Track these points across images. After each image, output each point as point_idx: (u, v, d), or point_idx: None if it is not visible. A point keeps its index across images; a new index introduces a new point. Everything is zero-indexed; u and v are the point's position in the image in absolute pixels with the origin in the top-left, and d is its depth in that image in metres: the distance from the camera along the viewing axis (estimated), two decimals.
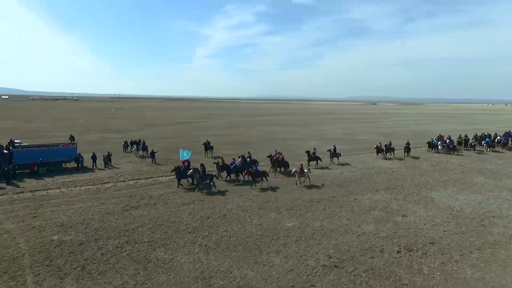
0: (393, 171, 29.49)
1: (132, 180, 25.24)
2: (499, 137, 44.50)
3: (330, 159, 32.70)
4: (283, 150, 33.90)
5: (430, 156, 37.40)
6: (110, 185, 23.72)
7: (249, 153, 29.88)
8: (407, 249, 14.33)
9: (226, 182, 24.75)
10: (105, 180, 24.98)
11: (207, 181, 23.07)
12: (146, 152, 35.47)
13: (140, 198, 20.68)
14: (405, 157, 35.86)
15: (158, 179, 25.46)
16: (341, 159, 33.47)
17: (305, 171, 24.62)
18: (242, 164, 26.38)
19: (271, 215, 18.10)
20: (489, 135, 45.50)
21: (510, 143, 45.41)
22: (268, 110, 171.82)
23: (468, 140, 42.28)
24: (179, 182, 23.30)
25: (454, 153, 38.77)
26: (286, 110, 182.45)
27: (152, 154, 32.23)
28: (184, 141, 47.71)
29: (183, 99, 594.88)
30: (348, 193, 22.65)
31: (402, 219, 17.89)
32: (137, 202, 19.88)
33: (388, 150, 35.64)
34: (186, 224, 16.67)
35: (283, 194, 22.02)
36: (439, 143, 39.76)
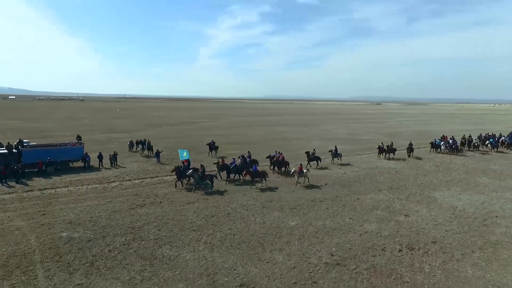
0: (396, 171, 29.59)
1: (138, 179, 25.64)
2: (504, 137, 44.30)
3: (332, 160, 32.83)
4: (286, 150, 34.19)
5: (434, 156, 37.38)
6: (116, 184, 24.15)
7: (249, 153, 30.10)
8: (409, 248, 14.51)
9: (226, 182, 24.94)
10: (111, 179, 25.43)
11: (207, 181, 23.19)
12: (151, 151, 35.89)
13: (146, 197, 21.06)
14: (408, 157, 35.89)
15: (163, 178, 25.83)
16: (344, 159, 33.61)
17: (304, 171, 24.77)
18: (242, 164, 26.60)
19: (274, 214, 18.36)
20: (493, 135, 45.33)
21: None
22: (271, 110, 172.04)
23: (471, 140, 42.15)
24: (180, 182, 23.49)
25: (457, 153, 38.73)
26: (290, 110, 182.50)
27: (157, 154, 32.65)
28: (188, 141, 48.16)
29: (187, 99, 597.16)
30: (351, 192, 22.83)
31: (405, 218, 18.05)
32: (143, 201, 20.25)
33: (390, 150, 35.72)
34: (191, 222, 16.99)
35: (286, 194, 22.26)
36: (442, 143, 39.71)
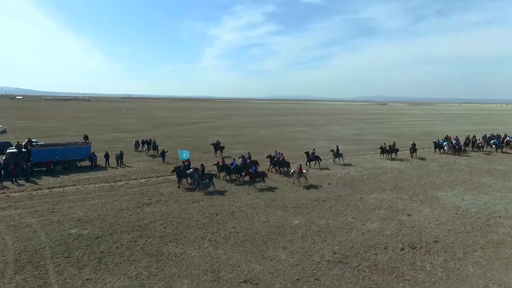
0: (400, 171, 29.65)
1: (144, 178, 26.07)
2: (509, 137, 44.00)
3: (333, 160, 32.88)
4: (290, 150, 34.37)
5: (438, 157, 37.30)
6: (122, 183, 24.58)
7: (249, 153, 30.33)
8: (411, 246, 14.67)
9: (226, 182, 25.13)
10: (118, 178, 25.88)
11: (206, 180, 23.42)
12: (156, 151, 36.35)
13: (152, 196, 21.45)
14: (411, 157, 35.85)
15: (168, 178, 26.19)
16: (348, 159, 33.72)
17: (304, 171, 24.88)
18: (242, 164, 26.83)
19: (278, 213, 18.62)
20: (498, 135, 45.03)
21: None
22: (276, 111, 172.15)
23: (475, 141, 41.93)
24: (179, 182, 23.68)
25: (460, 154, 38.57)
26: (295, 110, 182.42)
27: (163, 153, 33.08)
28: (193, 141, 48.61)
29: (191, 99, 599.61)
30: (354, 192, 22.99)
31: (407, 218, 18.19)
32: (149, 199, 20.64)
33: (392, 150, 35.66)
34: (196, 221, 17.32)
35: (289, 193, 22.50)
36: (445, 143, 39.58)
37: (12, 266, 12.42)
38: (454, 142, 39.93)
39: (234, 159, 27.94)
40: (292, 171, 25.06)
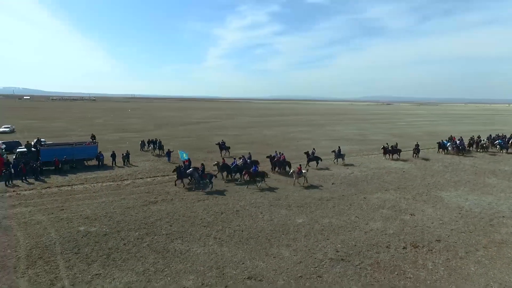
0: (404, 171, 29.71)
1: (150, 177, 26.48)
2: None
3: (335, 160, 32.95)
4: (294, 150, 34.60)
5: (443, 157, 37.23)
6: (129, 181, 25.01)
7: (249, 153, 30.53)
8: (413, 245, 14.83)
9: (226, 182, 25.34)
10: (124, 177, 26.33)
11: (206, 180, 23.60)
12: (162, 151, 36.80)
13: (158, 194, 21.83)
14: (414, 158, 35.79)
15: (174, 177, 26.46)
16: (352, 159, 33.84)
17: (303, 171, 24.97)
18: (243, 164, 27.03)
19: (281, 212, 18.87)
20: (504, 136, 44.78)
21: None
22: (279, 110, 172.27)
23: (480, 141, 41.74)
24: (181, 181, 23.94)
25: (463, 154, 38.44)
26: (298, 110, 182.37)
27: (168, 153, 33.51)
28: (198, 140, 49.03)
29: (195, 99, 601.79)
30: (358, 192, 23.15)
31: (410, 217, 18.32)
32: (155, 198, 21.02)
33: (395, 151, 35.63)
34: (201, 219, 17.64)
35: (293, 192, 22.73)
36: (448, 144, 39.48)
37: (24, 261, 12.84)
38: (458, 142, 39.80)
39: (235, 159, 28.28)
40: (291, 171, 25.24)
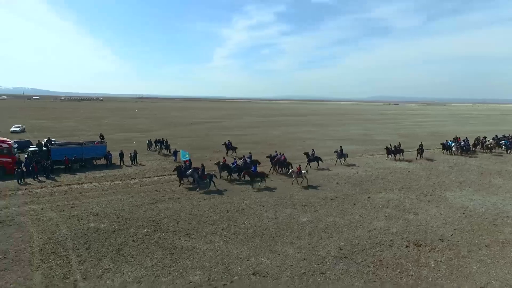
0: (409, 171, 29.77)
1: (157, 176, 27.00)
2: None
3: (337, 160, 33.00)
4: (299, 150, 34.80)
5: (449, 157, 37.11)
6: (137, 180, 25.56)
7: (250, 153, 30.77)
8: (416, 244, 15.02)
9: (227, 182, 25.59)
10: (132, 176, 26.90)
11: (206, 180, 23.81)
12: (169, 150, 37.36)
13: (165, 193, 22.31)
14: (417, 158, 35.67)
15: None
16: (358, 159, 33.95)
17: (302, 172, 25.07)
18: (243, 164, 27.25)
19: (286, 211, 19.18)
20: (510, 136, 44.43)
21: None
22: (286, 111, 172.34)
23: (485, 142, 41.45)
24: (180, 181, 24.21)
25: (468, 154, 38.24)
26: (305, 110, 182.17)
27: (175, 153, 34.03)
28: (204, 140, 49.54)
29: (202, 99, 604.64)
30: (362, 191, 23.35)
31: (414, 216, 18.48)
32: (162, 196, 21.51)
33: (398, 151, 35.57)
34: (207, 217, 18.04)
35: (298, 192, 23.02)
36: (453, 144, 39.31)
37: (38, 255, 13.38)
38: (463, 143, 39.58)
39: (235, 159, 28.66)
40: (290, 170, 25.43)
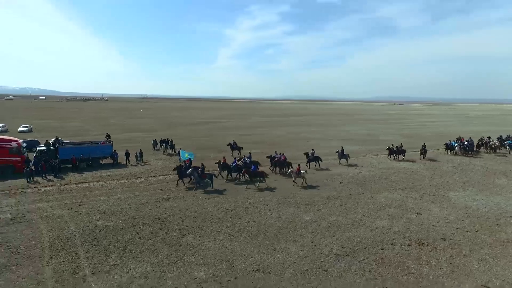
0: (412, 172, 29.83)
1: (162, 175, 27.40)
2: None
3: (339, 161, 33.04)
4: (303, 150, 34.96)
5: (453, 158, 37.04)
6: (142, 179, 25.98)
7: (250, 153, 30.95)
8: (418, 243, 15.18)
9: (227, 181, 25.81)
10: (138, 175, 27.33)
11: (206, 180, 24.01)
12: (173, 150, 37.80)
13: (170, 192, 22.68)
14: (421, 159, 35.58)
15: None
16: (361, 160, 34.05)
17: (301, 172, 25.13)
18: (243, 164, 27.46)
19: (289, 209, 19.43)
20: None
21: None
22: (290, 111, 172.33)
23: (489, 142, 41.26)
24: (181, 180, 24.45)
25: (471, 155, 38.09)
26: (309, 110, 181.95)
27: (179, 152, 34.40)
28: (209, 140, 49.94)
29: (206, 99, 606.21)
30: (365, 191, 23.50)
31: (416, 216, 18.62)
32: (167, 195, 21.88)
33: (399, 152, 35.55)
34: (212, 215, 18.36)
35: (301, 191, 23.25)
36: (456, 145, 39.19)
37: (48, 251, 13.80)
38: (466, 143, 39.44)
39: (235, 159, 28.94)
40: (289, 170, 25.61)
